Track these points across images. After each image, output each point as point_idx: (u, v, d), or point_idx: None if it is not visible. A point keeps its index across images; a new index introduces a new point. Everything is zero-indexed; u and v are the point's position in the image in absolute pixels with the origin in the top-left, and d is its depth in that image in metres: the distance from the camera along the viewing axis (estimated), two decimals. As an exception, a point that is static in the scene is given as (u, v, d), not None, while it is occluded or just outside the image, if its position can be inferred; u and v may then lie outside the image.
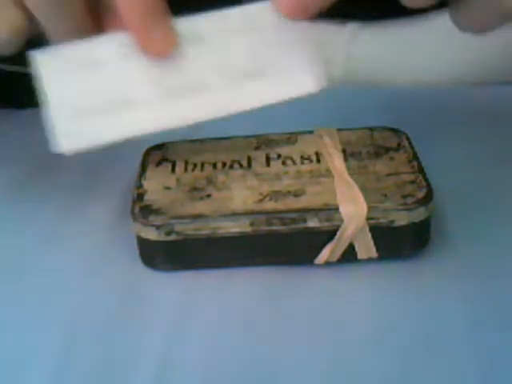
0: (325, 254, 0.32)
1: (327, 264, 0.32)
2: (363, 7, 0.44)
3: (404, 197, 0.32)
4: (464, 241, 0.34)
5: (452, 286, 0.32)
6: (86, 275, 0.33)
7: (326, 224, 0.31)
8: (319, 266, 0.32)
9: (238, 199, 0.32)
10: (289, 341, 0.30)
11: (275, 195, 0.32)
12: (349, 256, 0.32)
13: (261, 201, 0.32)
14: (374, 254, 0.32)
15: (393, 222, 0.31)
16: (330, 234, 0.32)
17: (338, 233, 0.31)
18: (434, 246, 0.33)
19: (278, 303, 0.32)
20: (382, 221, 0.31)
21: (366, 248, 0.32)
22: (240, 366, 0.29)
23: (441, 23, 0.45)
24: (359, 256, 0.32)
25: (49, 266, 0.34)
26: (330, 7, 0.44)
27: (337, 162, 0.34)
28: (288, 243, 0.32)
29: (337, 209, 0.31)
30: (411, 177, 0.33)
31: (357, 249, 0.32)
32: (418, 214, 0.31)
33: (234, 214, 0.32)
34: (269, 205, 0.32)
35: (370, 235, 0.32)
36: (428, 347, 0.29)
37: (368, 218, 0.31)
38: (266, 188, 0.33)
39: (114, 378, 0.29)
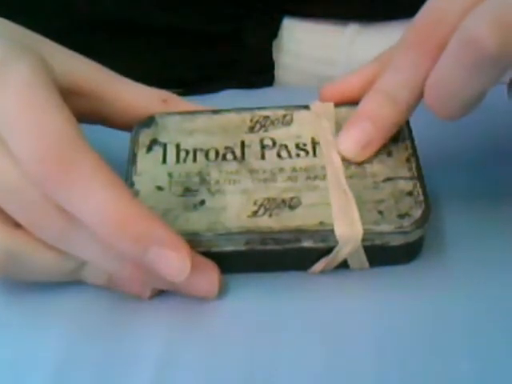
0: (319, 267, 0.32)
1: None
2: (364, 8, 0.44)
3: (400, 216, 0.31)
4: (459, 241, 0.34)
5: (448, 287, 0.32)
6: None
7: (320, 244, 0.31)
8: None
9: (232, 211, 0.32)
10: (288, 343, 0.30)
11: (270, 205, 0.32)
12: (342, 266, 0.32)
13: (255, 213, 0.32)
14: (366, 266, 0.32)
15: (388, 242, 0.31)
16: (324, 252, 0.32)
17: (333, 252, 0.31)
18: (429, 248, 0.33)
19: (278, 306, 0.32)
20: (376, 242, 0.31)
21: (359, 263, 0.32)
22: (240, 368, 0.29)
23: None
24: (351, 266, 0.32)
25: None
26: (330, 8, 0.44)
27: (333, 158, 0.33)
28: (282, 259, 0.32)
29: (332, 230, 0.31)
30: (409, 185, 0.32)
31: (349, 263, 0.32)
32: (414, 235, 0.31)
33: (229, 234, 0.31)
34: (263, 221, 0.31)
35: (363, 253, 0.32)
36: (426, 347, 0.29)
37: (364, 240, 0.31)
38: (260, 194, 0.32)
39: (114, 379, 0.29)
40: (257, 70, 0.46)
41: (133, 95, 0.35)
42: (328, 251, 0.31)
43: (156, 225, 0.29)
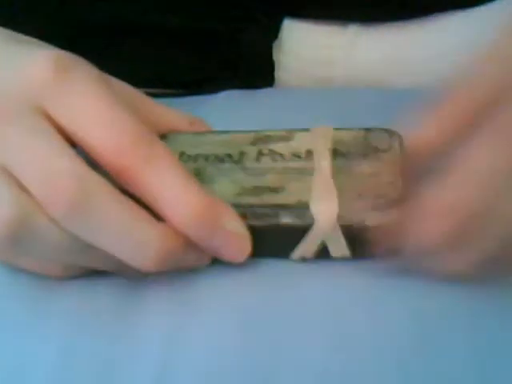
0: (299, 251, 0.32)
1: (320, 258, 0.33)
2: (364, 9, 0.44)
3: (377, 196, 0.32)
4: None
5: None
6: (85, 276, 0.33)
7: (298, 221, 0.32)
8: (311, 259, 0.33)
9: (219, 192, 0.33)
10: (288, 337, 0.30)
11: (256, 190, 0.33)
12: (326, 253, 0.33)
13: (239, 195, 0.33)
14: (346, 252, 0.32)
15: (363, 221, 0.31)
16: (303, 232, 0.32)
17: (310, 231, 0.32)
18: None
19: (277, 300, 0.32)
20: (353, 221, 0.32)
21: (339, 247, 0.32)
22: (239, 365, 0.29)
23: (442, 25, 0.45)
24: (332, 254, 0.32)
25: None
26: (330, 9, 0.44)
27: (323, 160, 0.34)
28: (264, 238, 0.33)
29: (310, 208, 0.32)
30: (391, 178, 0.33)
31: (329, 247, 0.32)
32: (390, 215, 0.32)
33: None
34: (245, 199, 0.33)
35: (341, 234, 0.32)
36: (426, 345, 0.29)
37: (339, 218, 0.32)
38: (248, 183, 0.34)
39: (113, 378, 0.29)
40: (257, 71, 0.46)
41: (165, 116, 0.37)
42: (307, 232, 0.32)
43: (226, 212, 0.31)
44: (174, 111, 0.37)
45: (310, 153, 0.35)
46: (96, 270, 0.33)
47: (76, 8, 0.44)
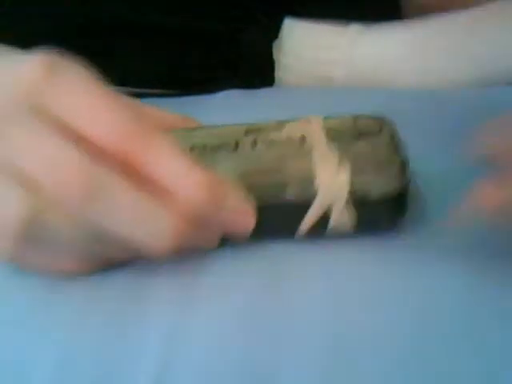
0: (304, 226, 0.33)
1: (317, 239, 0.33)
2: (365, 9, 0.44)
3: (378, 171, 0.33)
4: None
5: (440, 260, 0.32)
6: (88, 276, 0.33)
7: (303, 196, 0.33)
8: (314, 242, 0.33)
9: (221, 176, 0.33)
10: (289, 336, 0.30)
11: (257, 171, 0.34)
12: (330, 228, 0.33)
13: (241, 176, 0.34)
14: (349, 225, 0.33)
15: (369, 193, 0.32)
16: (308, 207, 0.33)
17: (315, 202, 0.32)
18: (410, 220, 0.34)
19: (278, 299, 0.32)
20: (358, 193, 0.32)
21: (342, 219, 0.33)
22: (240, 364, 0.29)
23: (442, 25, 0.45)
24: (335, 227, 0.33)
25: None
26: (331, 8, 0.44)
27: (318, 141, 0.35)
28: (270, 216, 0.33)
29: (313, 181, 0.33)
30: (390, 155, 0.34)
31: (332, 220, 0.33)
32: (394, 183, 0.33)
33: None
34: (248, 179, 0.33)
35: (345, 206, 0.32)
36: (426, 341, 0.29)
37: (343, 189, 0.32)
38: (249, 165, 0.34)
39: (113, 378, 0.29)
40: (257, 71, 0.46)
41: (159, 114, 0.37)
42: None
43: (228, 187, 0.32)
44: (165, 112, 0.38)
45: (303, 138, 0.36)
46: (103, 267, 0.33)
47: (76, 8, 0.44)
